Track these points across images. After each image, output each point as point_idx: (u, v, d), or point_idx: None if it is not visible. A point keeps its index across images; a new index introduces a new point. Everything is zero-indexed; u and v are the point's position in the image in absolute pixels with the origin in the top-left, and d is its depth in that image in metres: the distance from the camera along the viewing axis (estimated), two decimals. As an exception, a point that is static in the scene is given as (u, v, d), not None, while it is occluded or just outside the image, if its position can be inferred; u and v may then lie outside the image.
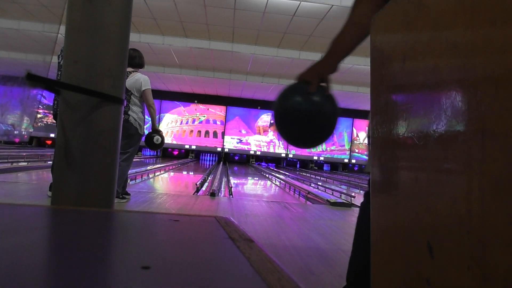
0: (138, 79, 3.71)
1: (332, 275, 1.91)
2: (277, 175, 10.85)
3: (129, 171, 4.07)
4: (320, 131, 1.32)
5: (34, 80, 1.12)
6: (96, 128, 1.30)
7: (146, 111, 3.91)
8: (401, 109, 1.01)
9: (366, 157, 17.68)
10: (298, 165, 18.26)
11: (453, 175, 0.75)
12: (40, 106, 14.49)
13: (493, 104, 0.63)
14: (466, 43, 0.71)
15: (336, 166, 18.17)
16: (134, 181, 6.53)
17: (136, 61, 3.82)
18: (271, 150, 17.58)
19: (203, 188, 6.56)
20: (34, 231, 0.74)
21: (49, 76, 1.20)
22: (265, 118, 17.56)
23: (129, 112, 3.64)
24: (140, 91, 3.72)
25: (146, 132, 3.90)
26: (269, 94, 15.25)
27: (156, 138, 3.84)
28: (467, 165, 0.70)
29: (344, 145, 17.82)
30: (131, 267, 0.56)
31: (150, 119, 3.94)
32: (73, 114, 1.29)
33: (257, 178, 11.11)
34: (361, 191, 8.54)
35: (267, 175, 11.46)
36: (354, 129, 17.76)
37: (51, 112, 3.56)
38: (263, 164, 17.80)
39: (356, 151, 17.78)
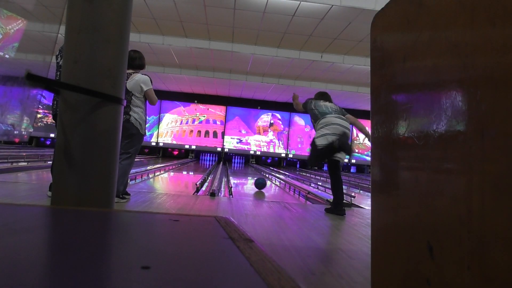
0: (138, 80, 3.71)
1: (332, 275, 1.91)
2: (277, 175, 10.84)
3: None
4: None
5: (34, 80, 1.12)
6: (96, 128, 1.30)
7: (147, 112, 3.89)
8: (401, 109, 1.01)
9: (366, 157, 17.69)
10: (298, 165, 18.28)
11: (453, 175, 0.75)
12: (40, 106, 14.48)
13: (493, 104, 0.63)
14: (466, 43, 0.71)
15: (336, 166, 18.17)
16: (134, 181, 6.52)
17: (136, 62, 3.82)
18: (271, 150, 17.59)
19: (203, 188, 6.55)
20: (34, 231, 0.74)
21: (48, 76, 1.19)
22: (265, 118, 17.57)
23: (130, 113, 3.64)
24: (141, 92, 3.72)
25: (147, 132, 3.88)
26: (269, 94, 15.24)
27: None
28: (467, 165, 0.70)
29: (344, 145, 17.84)
30: (131, 267, 0.56)
31: (150, 119, 3.92)
32: (73, 114, 1.29)
33: (257, 178, 11.10)
34: (361, 191, 8.54)
35: (267, 175, 11.45)
36: (354, 129, 17.75)
37: (51, 112, 3.54)
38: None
39: (356, 151, 17.77)
